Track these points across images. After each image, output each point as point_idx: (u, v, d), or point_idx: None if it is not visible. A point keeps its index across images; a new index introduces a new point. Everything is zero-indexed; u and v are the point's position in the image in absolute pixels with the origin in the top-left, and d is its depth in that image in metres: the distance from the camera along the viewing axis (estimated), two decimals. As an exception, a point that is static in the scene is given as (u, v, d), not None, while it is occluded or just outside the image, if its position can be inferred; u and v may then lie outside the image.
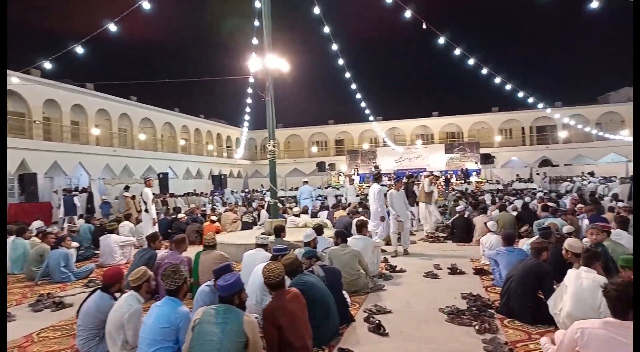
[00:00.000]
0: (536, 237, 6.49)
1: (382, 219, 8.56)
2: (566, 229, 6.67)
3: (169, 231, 11.66)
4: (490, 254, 5.99)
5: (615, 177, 23.10)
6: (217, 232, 10.85)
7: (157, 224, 9.98)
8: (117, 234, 9.47)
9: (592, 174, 26.39)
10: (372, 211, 8.76)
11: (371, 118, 26.64)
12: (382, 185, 9.04)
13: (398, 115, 40.39)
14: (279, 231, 6.91)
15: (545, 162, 34.62)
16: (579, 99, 37.54)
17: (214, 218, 11.15)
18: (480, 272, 6.61)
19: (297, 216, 11.33)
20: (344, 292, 5.03)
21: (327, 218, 11.41)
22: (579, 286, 3.95)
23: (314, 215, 11.15)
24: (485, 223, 7.69)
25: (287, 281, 4.25)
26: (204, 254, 6.02)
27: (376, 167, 33.52)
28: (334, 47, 15.25)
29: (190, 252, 6.24)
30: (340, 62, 16.60)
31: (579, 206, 9.77)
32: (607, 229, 5.53)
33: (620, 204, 9.01)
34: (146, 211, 9.86)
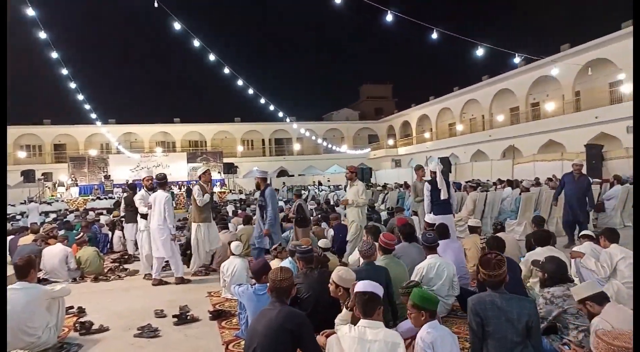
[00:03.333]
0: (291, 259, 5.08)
1: (175, 236, 6.73)
2: (322, 243, 5.51)
3: None
4: (236, 292, 4.09)
5: (340, 185, 25.78)
6: None
7: None
8: None
9: (320, 183, 29.21)
10: (153, 228, 6.61)
11: (93, 116, 22.11)
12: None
13: (135, 119, 36.70)
14: None
15: (282, 172, 36.78)
16: (309, 116, 41.87)
17: None
18: (219, 315, 4.69)
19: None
20: None
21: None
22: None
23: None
24: (229, 244, 5.82)
25: None
26: None
27: (106, 177, 28.72)
28: (30, 12, 11.11)
29: None
30: (43, 35, 12.41)
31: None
32: (389, 247, 4.34)
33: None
34: None
